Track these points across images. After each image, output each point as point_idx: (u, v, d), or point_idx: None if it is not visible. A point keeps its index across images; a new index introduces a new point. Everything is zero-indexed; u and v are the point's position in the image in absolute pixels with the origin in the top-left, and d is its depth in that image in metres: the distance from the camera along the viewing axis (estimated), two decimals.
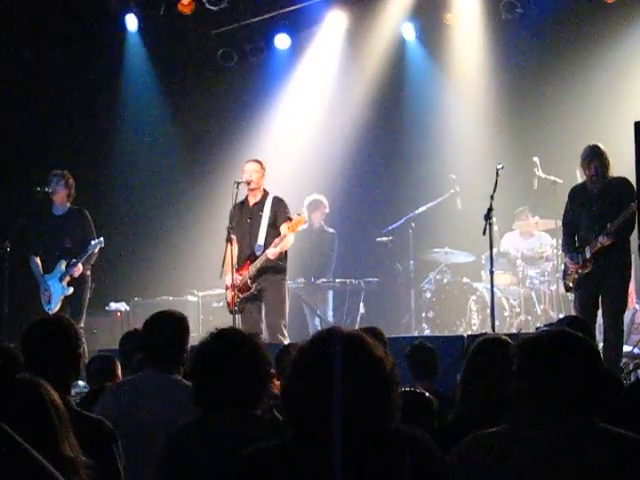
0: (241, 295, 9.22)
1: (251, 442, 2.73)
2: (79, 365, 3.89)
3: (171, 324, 4.65)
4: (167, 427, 3.74)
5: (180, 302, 11.71)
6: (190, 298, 12.00)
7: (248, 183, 9.34)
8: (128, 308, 11.83)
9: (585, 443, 2.73)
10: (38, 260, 9.94)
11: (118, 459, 3.54)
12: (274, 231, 9.28)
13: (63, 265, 9.74)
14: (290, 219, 9.28)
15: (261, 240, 9.25)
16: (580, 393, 2.78)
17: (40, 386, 2.80)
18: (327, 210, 11.62)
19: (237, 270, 9.17)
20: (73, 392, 6.68)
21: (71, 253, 9.77)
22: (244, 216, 9.37)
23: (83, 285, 9.87)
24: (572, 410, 2.77)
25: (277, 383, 4.05)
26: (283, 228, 9.25)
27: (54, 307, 9.77)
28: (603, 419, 2.85)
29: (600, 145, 8.63)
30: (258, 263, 9.20)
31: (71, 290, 9.74)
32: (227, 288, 9.40)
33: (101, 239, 9.81)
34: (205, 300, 11.88)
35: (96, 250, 9.78)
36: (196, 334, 11.36)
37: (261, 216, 9.30)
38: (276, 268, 9.33)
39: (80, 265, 9.69)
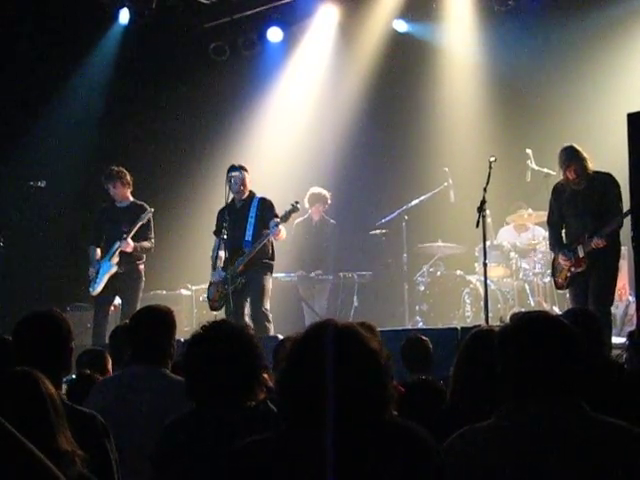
0: (226, 290, 9.33)
1: (245, 434, 2.72)
2: (70, 359, 3.89)
3: (158, 319, 4.64)
4: (156, 421, 3.74)
5: (174, 296, 11.73)
6: (184, 292, 12.00)
7: (237, 192, 9.46)
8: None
9: (570, 431, 2.73)
10: (98, 250, 10.07)
11: (110, 453, 3.53)
12: (261, 230, 9.41)
13: (116, 245, 9.86)
14: (277, 216, 9.40)
15: (249, 237, 9.41)
16: (562, 376, 2.78)
17: (37, 378, 2.80)
18: (329, 202, 11.50)
19: (226, 266, 9.32)
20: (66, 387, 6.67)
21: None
22: (232, 217, 9.44)
23: (136, 280, 10.02)
24: (555, 395, 2.77)
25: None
26: (273, 222, 9.35)
27: (97, 287, 9.91)
28: (602, 406, 2.85)
29: (574, 145, 8.72)
30: (246, 257, 9.33)
31: (115, 269, 9.86)
32: (210, 285, 9.64)
33: (151, 209, 10.02)
34: (199, 294, 11.89)
35: (146, 219, 9.94)
36: (189, 328, 11.45)
37: (248, 215, 9.45)
38: (262, 264, 9.48)
39: (130, 240, 9.82)
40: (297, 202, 9.60)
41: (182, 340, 5.29)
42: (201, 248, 11.50)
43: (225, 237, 9.30)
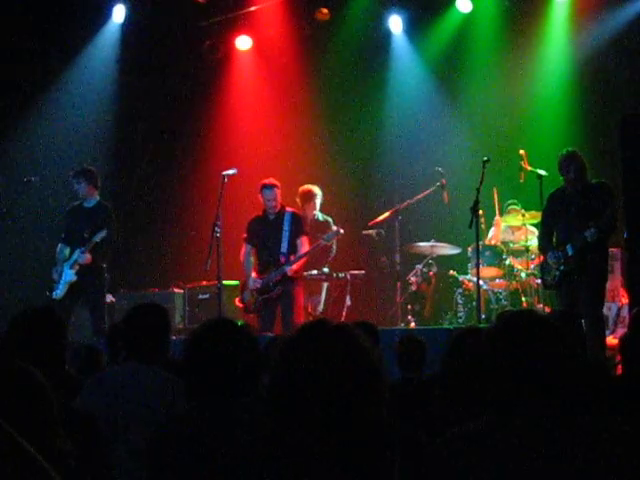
0: (260, 297, 9.89)
1: (243, 433, 2.72)
2: (64, 355, 3.88)
3: (150, 316, 4.64)
4: (147, 419, 3.73)
5: (166, 294, 11.73)
6: (176, 290, 11.99)
7: (271, 207, 9.92)
8: (114, 300, 11.81)
9: (556, 433, 2.72)
10: (67, 251, 10.12)
11: (104, 452, 3.53)
12: (294, 242, 9.95)
13: (77, 253, 9.92)
14: (307, 234, 10.08)
15: (284, 249, 9.89)
16: (548, 377, 2.77)
17: (33, 374, 2.77)
18: (319, 200, 11.46)
19: (262, 272, 9.95)
20: None
21: (86, 243, 9.96)
22: (265, 228, 10.00)
23: (95, 278, 10.06)
24: (541, 397, 2.76)
25: None
26: (299, 242, 9.94)
27: (60, 293, 9.96)
28: (585, 408, 2.85)
29: (576, 150, 8.82)
30: (281, 271, 9.83)
31: (75, 278, 9.89)
32: (244, 289, 10.10)
33: (104, 231, 9.90)
34: (191, 292, 11.89)
35: (98, 240, 9.86)
36: (182, 326, 11.47)
37: (282, 228, 9.93)
38: (296, 276, 10.00)
39: (88, 254, 9.85)
40: (341, 230, 10.43)
41: (174, 338, 5.29)
42: (193, 246, 11.51)
43: (256, 244, 9.98)
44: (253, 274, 10.02)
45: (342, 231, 10.41)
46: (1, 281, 11.00)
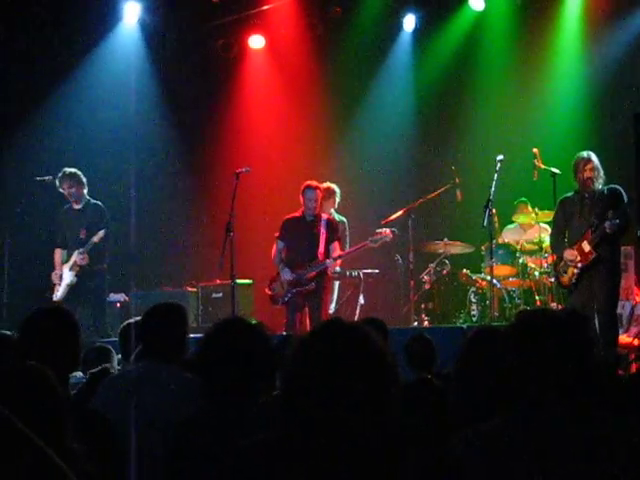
0: (292, 289, 10.06)
1: (258, 432, 2.71)
2: (77, 355, 3.88)
3: (169, 315, 4.65)
4: (164, 418, 3.72)
5: (179, 293, 11.73)
6: (190, 289, 12.00)
7: (312, 209, 10.16)
8: (127, 299, 11.83)
9: (572, 430, 2.72)
10: (64, 253, 10.27)
11: (117, 452, 3.53)
12: (328, 245, 10.20)
13: (75, 255, 10.04)
14: (339, 239, 10.39)
15: (322, 248, 10.13)
16: (566, 376, 2.76)
17: (47, 375, 2.78)
18: (338, 198, 11.47)
19: (294, 268, 10.08)
20: (71, 382, 6.67)
21: (84, 245, 10.06)
22: (303, 228, 10.20)
23: (95, 279, 10.21)
24: (559, 396, 2.75)
25: None
26: (331, 247, 10.18)
27: (60, 295, 10.06)
28: (599, 406, 2.84)
29: (592, 153, 8.81)
30: (318, 268, 10.07)
31: (75, 279, 10.01)
32: (274, 280, 10.22)
33: (102, 231, 10.02)
34: (204, 291, 11.89)
35: (97, 240, 9.95)
36: (195, 325, 11.47)
37: (319, 231, 10.20)
38: (329, 276, 10.34)
39: (85, 255, 9.96)
40: (390, 235, 10.47)
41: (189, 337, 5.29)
42: (206, 245, 11.50)
43: (292, 242, 10.15)
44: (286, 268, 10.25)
45: (391, 236, 10.52)
46: (17, 281, 11.00)
